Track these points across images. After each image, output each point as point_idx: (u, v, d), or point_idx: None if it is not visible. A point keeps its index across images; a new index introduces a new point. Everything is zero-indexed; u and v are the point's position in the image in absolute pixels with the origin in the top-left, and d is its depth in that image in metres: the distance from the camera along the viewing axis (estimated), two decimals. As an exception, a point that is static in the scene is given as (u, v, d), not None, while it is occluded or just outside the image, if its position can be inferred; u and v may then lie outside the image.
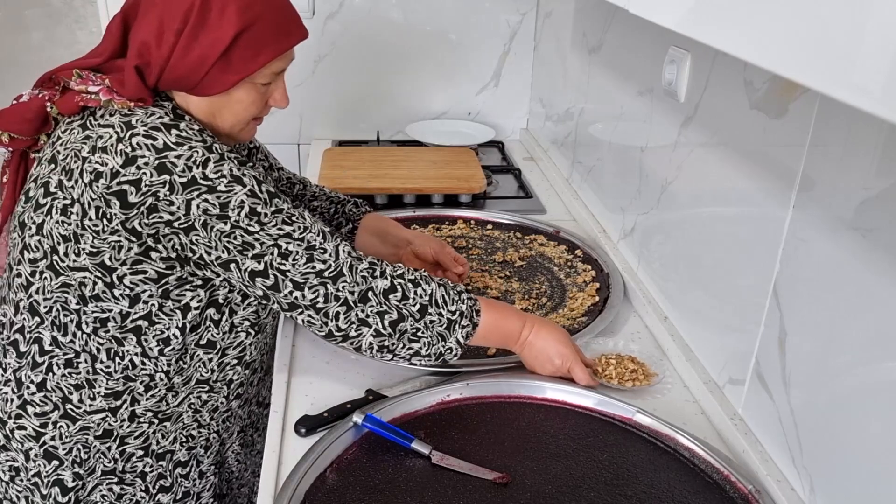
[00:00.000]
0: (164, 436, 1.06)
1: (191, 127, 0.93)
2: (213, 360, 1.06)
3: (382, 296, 0.97)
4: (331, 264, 0.96)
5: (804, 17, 0.45)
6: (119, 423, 1.02)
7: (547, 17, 2.10)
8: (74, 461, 1.03)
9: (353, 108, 2.27)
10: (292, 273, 0.94)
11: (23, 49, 2.21)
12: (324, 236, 0.97)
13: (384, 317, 0.97)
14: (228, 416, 1.14)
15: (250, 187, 0.93)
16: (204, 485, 1.14)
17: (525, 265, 1.47)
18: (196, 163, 0.90)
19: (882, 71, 0.38)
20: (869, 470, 0.77)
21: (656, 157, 1.32)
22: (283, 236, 0.94)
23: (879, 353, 0.75)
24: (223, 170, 0.91)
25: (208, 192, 0.90)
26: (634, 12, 0.78)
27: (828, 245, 0.83)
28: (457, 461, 0.95)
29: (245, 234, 0.92)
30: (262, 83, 0.99)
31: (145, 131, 0.90)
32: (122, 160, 0.89)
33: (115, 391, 1.00)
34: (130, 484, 1.07)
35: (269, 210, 0.93)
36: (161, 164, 0.89)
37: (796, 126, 0.88)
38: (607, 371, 1.12)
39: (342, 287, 0.96)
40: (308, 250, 0.95)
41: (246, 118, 1.01)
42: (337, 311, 0.96)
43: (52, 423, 1.01)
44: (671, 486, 0.92)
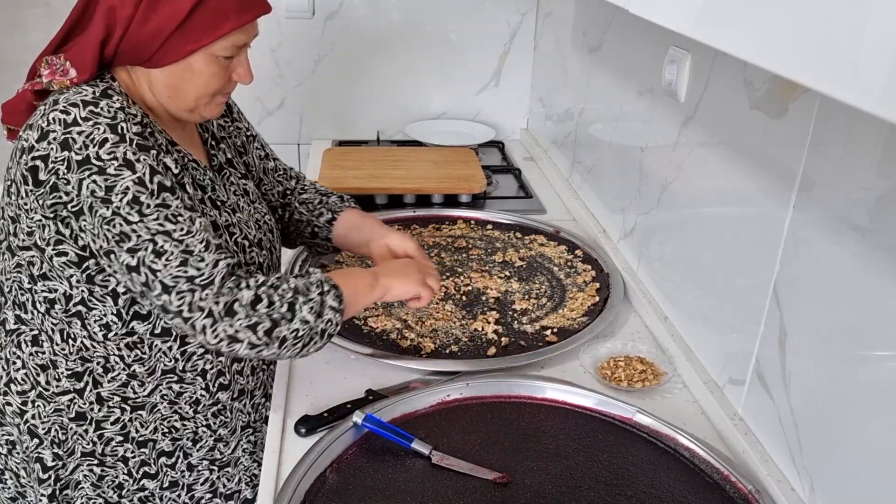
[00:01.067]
0: (142, 424, 1.06)
1: (111, 106, 0.92)
2: (174, 349, 1.03)
3: (249, 307, 0.92)
4: (204, 272, 0.91)
5: (804, 17, 0.45)
6: (89, 406, 1.03)
7: (547, 17, 2.10)
8: (53, 441, 1.04)
9: (353, 108, 2.27)
10: (163, 274, 0.90)
11: (22, 49, 2.20)
12: (206, 245, 0.92)
13: (257, 329, 0.93)
14: (219, 410, 1.11)
15: (140, 175, 0.90)
16: (196, 478, 1.12)
17: (525, 265, 1.47)
18: (94, 141, 0.89)
19: (882, 71, 0.38)
20: (869, 470, 0.77)
21: (656, 157, 1.32)
22: (161, 233, 0.90)
23: (879, 353, 0.75)
24: (117, 152, 0.90)
25: (98, 172, 0.89)
26: (634, 12, 0.78)
27: (828, 245, 0.83)
28: (457, 461, 0.95)
29: (124, 222, 0.89)
30: (223, 56, 0.98)
31: (63, 107, 0.91)
32: (37, 135, 0.91)
33: (75, 372, 1.01)
34: (112, 466, 1.06)
35: (154, 202, 0.90)
36: (65, 139, 0.89)
37: (796, 126, 0.88)
38: (616, 374, 1.12)
39: (206, 296, 0.91)
40: (184, 253, 0.90)
41: (208, 92, 1.00)
42: (203, 325, 0.91)
43: (31, 401, 1.03)
44: (671, 486, 0.92)
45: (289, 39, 2.15)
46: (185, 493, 1.12)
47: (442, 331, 1.23)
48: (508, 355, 1.16)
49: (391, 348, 1.18)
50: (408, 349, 1.18)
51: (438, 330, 1.24)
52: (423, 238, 1.57)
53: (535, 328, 1.25)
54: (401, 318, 1.26)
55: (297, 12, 2.11)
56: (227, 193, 1.10)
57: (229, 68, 1.00)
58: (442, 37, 2.21)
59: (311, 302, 0.97)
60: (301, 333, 0.96)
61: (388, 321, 1.25)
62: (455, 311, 1.30)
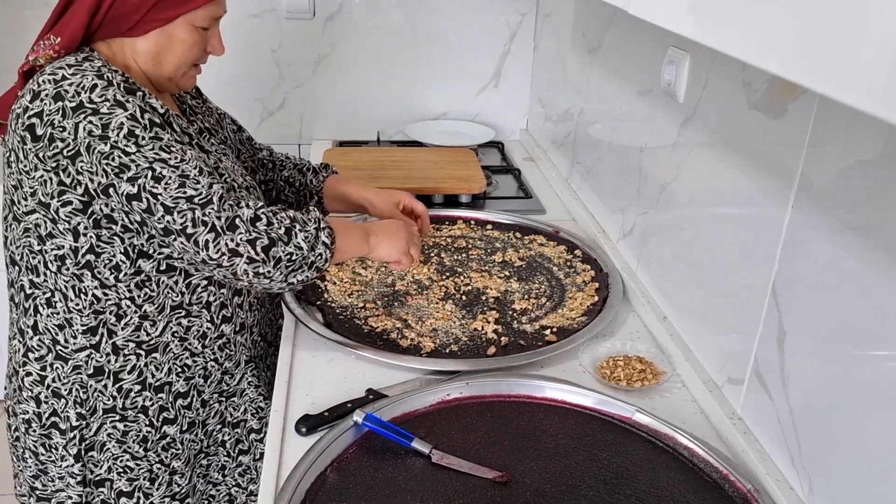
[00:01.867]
0: (157, 367, 1.11)
1: (93, 64, 1.00)
2: (180, 283, 1.09)
3: (250, 223, 1.00)
4: (202, 192, 0.98)
5: (803, 17, 0.45)
6: (105, 359, 1.08)
7: (546, 17, 2.10)
8: (76, 401, 1.09)
9: (353, 109, 2.27)
10: (164, 196, 0.96)
11: (22, 50, 2.20)
12: (200, 171, 0.99)
13: (255, 243, 1.00)
14: (224, 343, 1.17)
15: (132, 112, 0.98)
16: (208, 413, 1.19)
17: (525, 265, 1.47)
18: (84, 88, 0.97)
19: (881, 71, 0.39)
20: (868, 469, 0.77)
21: (655, 158, 1.32)
22: (158, 160, 0.97)
23: (878, 353, 0.76)
24: (107, 94, 0.97)
25: (92, 114, 0.96)
26: (633, 13, 0.78)
27: (826, 245, 0.83)
28: (457, 460, 0.95)
29: (122, 154, 0.96)
30: (201, 27, 1.06)
31: (51, 70, 1.00)
32: (30, 97, 0.99)
33: (90, 327, 1.06)
34: (133, 420, 1.11)
35: (148, 135, 0.97)
36: (57, 92, 0.97)
37: (795, 126, 0.89)
38: (615, 373, 1.13)
39: (209, 213, 0.98)
40: (181, 177, 0.97)
41: (188, 61, 1.08)
42: (206, 240, 0.97)
43: (49, 364, 1.08)
44: (670, 485, 0.92)
45: (289, 40, 2.15)
46: (201, 430, 1.19)
47: (442, 330, 1.24)
48: (508, 355, 1.17)
49: (391, 348, 1.18)
50: (408, 349, 1.18)
51: (438, 329, 1.24)
52: (422, 238, 1.57)
53: (534, 328, 1.25)
54: (401, 318, 1.27)
55: (297, 13, 2.11)
56: (210, 147, 1.16)
57: (205, 39, 1.09)
58: (442, 37, 2.21)
59: (306, 232, 1.04)
60: (294, 258, 1.03)
61: (388, 321, 1.25)
62: (455, 310, 1.30)
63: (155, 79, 1.08)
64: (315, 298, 1.32)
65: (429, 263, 1.46)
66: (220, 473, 1.25)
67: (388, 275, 1.40)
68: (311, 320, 1.23)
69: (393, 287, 1.37)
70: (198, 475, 1.22)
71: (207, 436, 1.21)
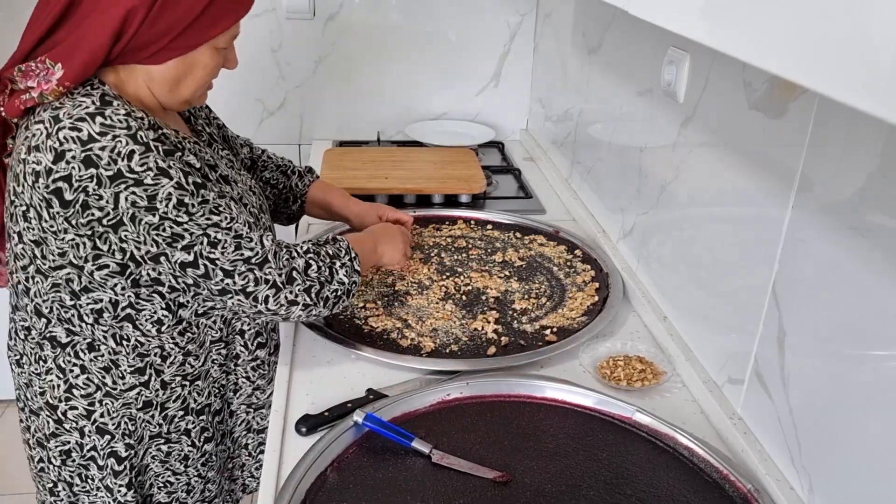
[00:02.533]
0: (199, 393, 1.15)
1: (116, 112, 0.92)
2: (217, 322, 1.14)
3: (303, 273, 1.04)
4: (258, 251, 1.00)
5: (803, 17, 0.45)
6: (154, 393, 1.10)
7: (547, 17, 2.10)
8: (124, 433, 1.10)
9: (353, 109, 2.27)
10: (221, 261, 0.97)
11: (23, 49, 2.20)
12: (249, 227, 1.00)
13: (310, 291, 1.05)
14: (258, 364, 1.24)
15: (177, 179, 0.94)
16: (235, 422, 1.25)
17: (525, 265, 1.47)
18: (121, 155, 0.90)
19: (882, 71, 0.39)
20: (868, 469, 0.77)
21: (655, 158, 1.32)
22: (211, 226, 0.96)
23: (878, 353, 0.76)
24: (149, 162, 0.92)
25: (135, 185, 0.91)
26: (633, 13, 0.78)
27: (827, 245, 0.83)
28: (457, 460, 0.95)
29: (174, 225, 0.94)
30: (223, 48, 1.03)
31: (71, 123, 0.90)
32: (52, 156, 0.90)
33: (137, 367, 1.07)
34: (177, 441, 1.15)
35: (197, 201, 0.95)
36: (87, 156, 0.89)
37: (795, 126, 0.89)
38: (615, 373, 1.13)
39: (269, 272, 1.00)
40: (236, 239, 0.98)
41: (207, 82, 1.05)
42: (266, 295, 1.01)
43: (98, 401, 1.07)
44: (670, 485, 0.92)
45: (289, 40, 2.15)
46: (229, 438, 1.25)
47: (442, 330, 1.24)
48: (508, 355, 1.17)
49: (391, 348, 1.18)
50: (408, 349, 1.18)
51: (438, 329, 1.24)
52: (423, 238, 1.57)
53: (534, 328, 1.25)
54: (401, 318, 1.27)
55: (297, 13, 2.11)
56: (225, 168, 1.12)
57: (223, 59, 1.06)
58: (442, 37, 2.21)
59: (344, 266, 1.10)
60: (339, 293, 1.09)
61: (388, 321, 1.25)
62: (455, 310, 1.30)
63: (168, 104, 1.04)
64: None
65: (429, 263, 1.46)
66: (239, 470, 1.31)
67: (388, 275, 1.40)
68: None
69: (393, 287, 1.37)
70: (225, 477, 1.28)
71: (234, 442, 1.28)
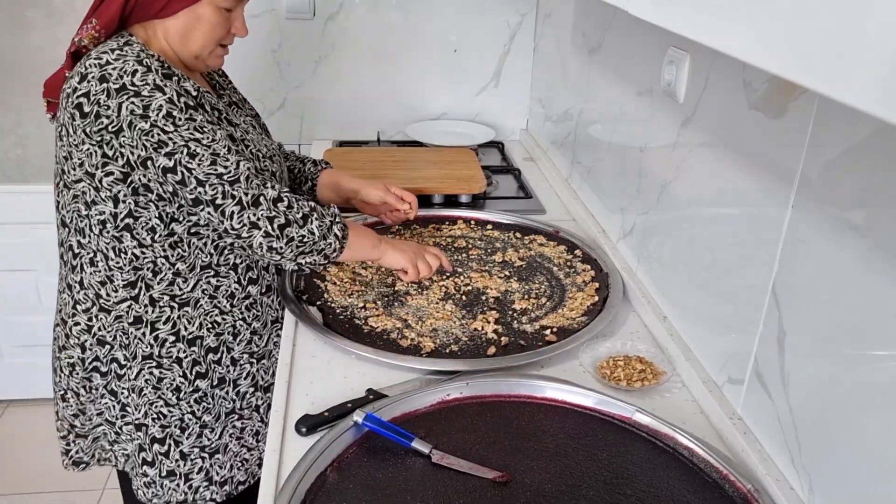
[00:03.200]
0: (189, 321, 1.22)
1: (132, 48, 1.11)
2: (208, 245, 1.21)
3: (272, 202, 1.12)
4: (231, 170, 1.10)
5: (803, 17, 0.45)
6: (143, 309, 1.20)
7: (547, 17, 2.10)
8: (120, 345, 1.21)
9: (353, 109, 2.27)
10: (196, 171, 1.08)
11: (23, 50, 2.21)
12: (228, 150, 1.11)
13: (273, 221, 1.12)
14: (251, 303, 1.28)
15: (169, 95, 1.09)
16: (239, 373, 1.29)
17: (525, 265, 1.47)
18: (126, 72, 1.08)
19: (882, 71, 0.39)
20: (868, 469, 0.77)
21: (655, 158, 1.32)
22: (192, 140, 1.08)
23: (878, 353, 0.76)
24: (147, 79, 1.09)
25: (134, 95, 1.07)
26: (633, 13, 0.78)
27: (826, 245, 0.83)
28: (457, 460, 0.95)
29: (161, 132, 1.07)
30: (224, 7, 1.16)
31: (96, 55, 1.11)
32: (78, 78, 1.10)
33: (129, 281, 1.18)
34: (168, 368, 1.22)
35: (184, 116, 1.09)
36: (102, 74, 1.08)
37: (795, 126, 0.89)
38: (615, 373, 1.13)
39: (237, 189, 1.10)
40: (213, 155, 1.09)
41: (214, 39, 1.18)
42: (232, 211, 1.10)
43: (95, 315, 1.20)
44: (670, 485, 0.92)
45: (289, 40, 2.16)
46: (232, 388, 1.28)
47: (442, 330, 1.24)
48: (508, 355, 1.17)
49: (391, 348, 1.18)
50: (408, 349, 1.18)
51: (438, 329, 1.24)
52: (423, 238, 1.58)
53: (534, 328, 1.25)
54: (401, 318, 1.27)
55: (297, 13, 2.11)
56: (238, 119, 1.28)
57: (229, 20, 1.19)
58: (442, 37, 2.21)
59: (321, 222, 1.16)
60: (305, 240, 1.15)
61: (388, 321, 1.25)
62: (455, 310, 1.30)
63: (184, 58, 1.19)
64: (315, 298, 1.32)
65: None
66: (254, 439, 1.33)
67: (389, 275, 1.40)
68: (310, 320, 1.23)
69: (393, 287, 1.37)
70: (230, 435, 1.30)
71: (240, 397, 1.30)
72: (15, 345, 2.51)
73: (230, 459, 1.30)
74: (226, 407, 1.28)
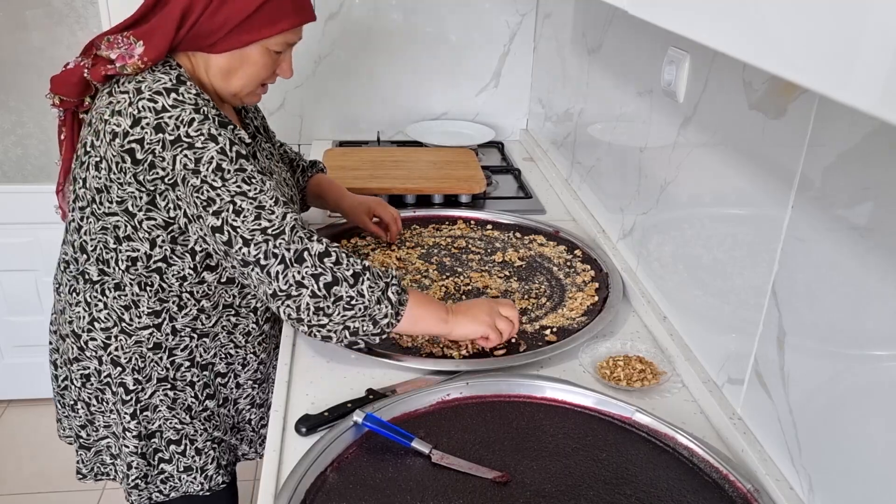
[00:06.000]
0: (205, 350, 1.22)
1: (189, 91, 1.05)
2: (234, 290, 1.20)
3: (317, 258, 1.03)
4: (275, 223, 1.03)
5: (803, 17, 0.45)
6: (165, 337, 1.18)
7: (546, 17, 2.10)
8: (134, 368, 1.19)
9: (353, 109, 2.27)
10: (241, 229, 1.02)
11: (23, 49, 2.21)
12: (276, 201, 1.05)
13: (319, 279, 1.02)
14: (263, 338, 1.30)
15: (222, 146, 1.03)
16: (240, 394, 1.32)
17: (524, 265, 1.47)
18: (183, 122, 1.02)
19: (882, 71, 0.39)
20: (868, 469, 0.77)
21: (655, 158, 1.32)
22: (239, 194, 1.02)
23: (878, 353, 0.76)
24: (203, 129, 1.03)
25: (188, 148, 1.02)
26: (633, 13, 0.78)
27: (826, 245, 0.83)
28: (457, 460, 0.95)
29: (210, 189, 1.02)
30: (275, 51, 1.12)
31: (149, 96, 1.03)
32: (130, 121, 1.03)
33: (154, 310, 1.16)
34: (182, 390, 1.22)
35: (233, 168, 1.03)
36: (158, 123, 1.02)
37: (795, 126, 0.89)
38: (615, 373, 1.13)
39: (279, 244, 1.02)
40: (258, 209, 1.03)
41: (256, 80, 1.15)
42: (277, 271, 1.02)
43: (115, 336, 1.17)
44: (670, 485, 0.92)
45: (289, 40, 2.15)
46: (233, 407, 1.32)
47: (442, 330, 1.23)
48: (508, 355, 1.17)
49: (391, 348, 1.18)
50: (408, 349, 1.18)
51: (438, 329, 1.24)
52: (422, 238, 1.58)
53: (534, 328, 1.25)
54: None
55: (297, 13, 2.11)
56: (264, 159, 1.26)
57: (276, 62, 1.15)
58: (442, 37, 2.21)
59: (374, 284, 1.06)
60: (355, 303, 1.04)
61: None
62: (455, 310, 1.30)
63: (222, 93, 1.15)
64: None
65: (429, 263, 1.46)
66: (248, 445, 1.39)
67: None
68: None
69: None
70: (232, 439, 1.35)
71: (239, 414, 1.34)
72: (15, 345, 2.51)
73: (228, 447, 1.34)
74: (228, 423, 1.32)
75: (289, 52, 1.16)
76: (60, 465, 2.31)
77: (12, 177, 2.36)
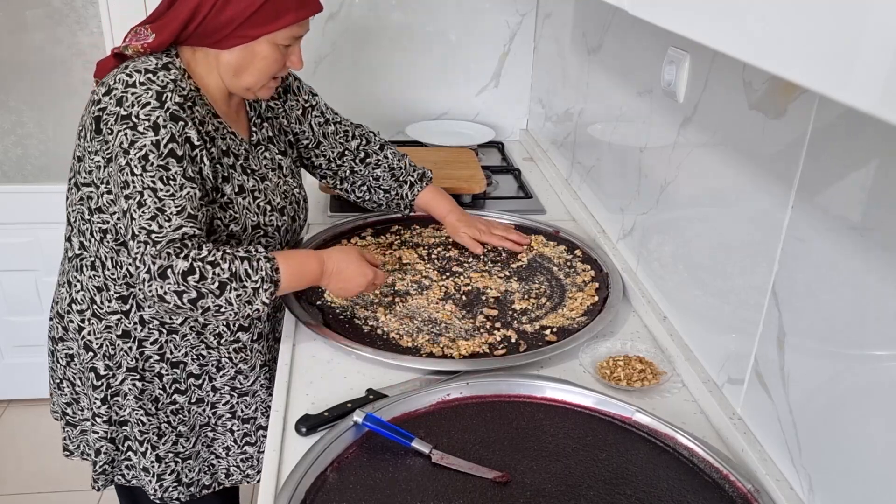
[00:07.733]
0: (175, 347, 1.23)
1: (165, 77, 1.08)
2: None
3: (180, 276, 1.02)
4: (163, 230, 1.03)
5: (802, 17, 0.45)
6: (133, 326, 1.20)
7: (546, 17, 2.10)
8: (105, 354, 1.21)
9: (353, 109, 2.25)
10: (136, 222, 1.03)
11: (24, 50, 2.21)
12: (180, 210, 1.04)
13: (182, 296, 1.03)
14: (240, 347, 1.28)
15: (159, 138, 1.04)
16: (218, 399, 1.30)
17: (525, 265, 1.47)
18: (139, 102, 1.05)
19: (881, 71, 0.39)
20: (868, 469, 0.77)
21: (655, 158, 1.32)
22: (150, 188, 1.03)
23: (878, 353, 0.76)
24: (152, 115, 1.04)
25: (131, 128, 1.04)
26: (633, 13, 0.78)
27: (826, 245, 0.83)
28: (457, 460, 0.95)
29: (130, 173, 1.04)
30: (282, 45, 1.14)
31: (129, 71, 1.07)
32: (104, 90, 1.08)
33: (122, 295, 1.18)
34: (150, 381, 1.23)
35: (158, 162, 1.04)
36: (121, 96, 1.05)
37: (795, 126, 0.89)
38: (615, 373, 1.13)
39: (148, 253, 1.02)
40: (158, 210, 1.03)
41: (267, 74, 1.16)
42: (144, 278, 1.03)
43: (87, 319, 1.20)
44: (670, 486, 0.92)
45: (289, 40, 2.15)
46: (209, 408, 1.30)
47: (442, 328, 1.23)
48: (508, 355, 1.17)
49: (391, 348, 1.18)
50: (408, 349, 1.18)
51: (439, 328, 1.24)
52: (423, 238, 1.57)
53: (534, 328, 1.25)
54: (401, 318, 1.26)
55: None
56: (258, 164, 1.25)
57: (285, 55, 1.17)
58: (442, 37, 2.21)
59: (242, 289, 1.06)
60: (224, 310, 1.06)
61: (388, 321, 1.25)
62: (455, 310, 1.30)
63: (235, 90, 1.18)
64: (315, 298, 1.32)
65: (429, 263, 1.46)
66: (225, 451, 1.35)
67: (388, 275, 1.40)
68: (311, 320, 1.23)
69: (393, 287, 1.37)
70: (202, 444, 1.32)
71: (216, 416, 1.31)
72: (15, 345, 2.52)
73: (199, 465, 1.32)
74: (201, 420, 1.30)
75: (297, 45, 1.18)
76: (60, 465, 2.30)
77: (12, 177, 2.36)
